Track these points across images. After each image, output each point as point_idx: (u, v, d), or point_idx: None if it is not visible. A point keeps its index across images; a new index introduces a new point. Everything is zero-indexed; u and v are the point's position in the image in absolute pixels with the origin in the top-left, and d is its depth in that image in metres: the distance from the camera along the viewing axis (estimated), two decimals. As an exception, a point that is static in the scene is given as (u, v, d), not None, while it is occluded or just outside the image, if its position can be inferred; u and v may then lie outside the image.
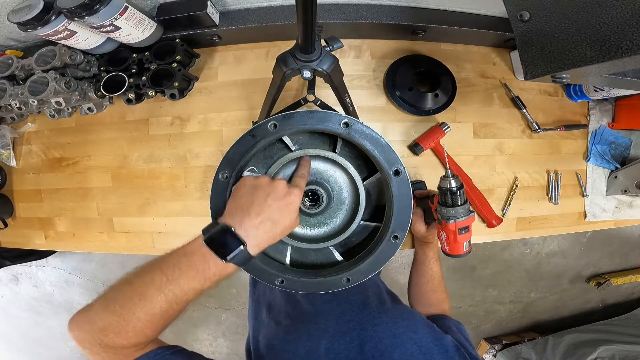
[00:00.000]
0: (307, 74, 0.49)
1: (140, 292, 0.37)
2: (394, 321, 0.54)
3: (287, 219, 0.43)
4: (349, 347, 0.50)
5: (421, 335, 0.50)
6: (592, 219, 0.89)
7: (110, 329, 0.36)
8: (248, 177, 0.45)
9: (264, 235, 0.41)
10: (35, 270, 2.11)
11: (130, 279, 0.38)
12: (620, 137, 0.90)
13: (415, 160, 0.84)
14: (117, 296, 0.38)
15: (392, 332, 0.51)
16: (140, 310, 0.36)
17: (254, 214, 0.41)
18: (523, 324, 2.20)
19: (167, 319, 0.38)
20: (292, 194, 0.44)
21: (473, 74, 0.87)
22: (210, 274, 0.38)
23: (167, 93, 0.80)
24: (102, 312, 0.37)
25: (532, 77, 0.47)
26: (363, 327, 0.53)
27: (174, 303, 0.37)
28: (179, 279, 0.37)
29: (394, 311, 0.59)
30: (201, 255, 0.38)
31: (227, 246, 0.38)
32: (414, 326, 0.53)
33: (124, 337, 0.36)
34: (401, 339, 0.49)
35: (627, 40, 0.35)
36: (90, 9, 0.61)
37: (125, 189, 0.87)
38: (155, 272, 0.38)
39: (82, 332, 0.37)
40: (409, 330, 0.51)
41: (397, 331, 0.51)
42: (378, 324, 0.53)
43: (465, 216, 0.57)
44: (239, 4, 0.80)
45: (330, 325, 0.55)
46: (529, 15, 0.45)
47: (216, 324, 2.10)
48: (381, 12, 0.79)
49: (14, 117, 0.91)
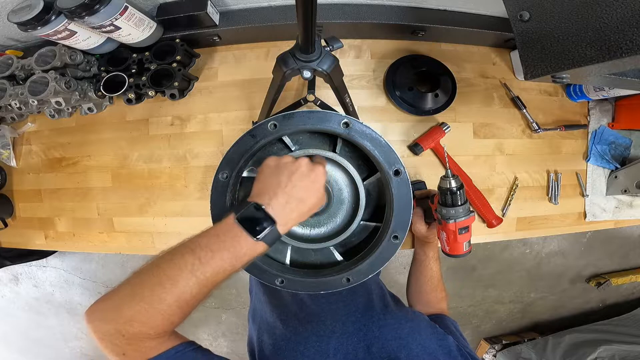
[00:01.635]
0: (307, 74, 0.49)
1: (172, 275, 0.35)
2: (399, 323, 0.54)
3: (313, 197, 0.43)
4: (357, 348, 0.50)
5: (425, 337, 0.51)
6: (592, 219, 0.89)
7: (137, 318, 0.34)
8: (271, 158, 0.45)
9: (292, 214, 0.41)
10: (35, 270, 2.11)
11: (158, 263, 0.37)
12: (620, 137, 0.90)
13: (415, 160, 0.84)
14: (145, 281, 0.36)
15: (397, 334, 0.51)
16: (171, 295, 0.35)
17: (281, 193, 0.40)
18: (523, 324, 2.20)
19: (194, 305, 0.37)
20: (316, 171, 0.43)
21: (473, 74, 0.87)
22: (241, 254, 0.38)
23: (167, 93, 0.80)
24: (129, 299, 0.35)
25: (532, 77, 0.47)
26: (369, 329, 0.54)
27: (204, 286, 0.36)
28: (210, 260, 0.36)
29: (399, 313, 0.59)
30: (233, 235, 0.38)
31: (259, 224, 0.38)
32: (418, 327, 0.53)
33: (152, 325, 0.34)
34: (406, 340, 0.50)
35: (627, 40, 0.35)
36: (90, 9, 0.61)
37: (125, 189, 0.87)
38: (186, 254, 0.36)
39: (104, 323, 0.35)
40: (413, 331, 0.52)
41: (402, 333, 0.52)
42: (383, 325, 0.54)
43: (465, 216, 0.57)
44: (239, 4, 0.80)
45: (337, 326, 0.56)
46: (529, 15, 0.45)
47: (216, 324, 2.10)
48: (381, 12, 0.79)
49: (14, 117, 0.90)
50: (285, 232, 0.41)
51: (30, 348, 2.28)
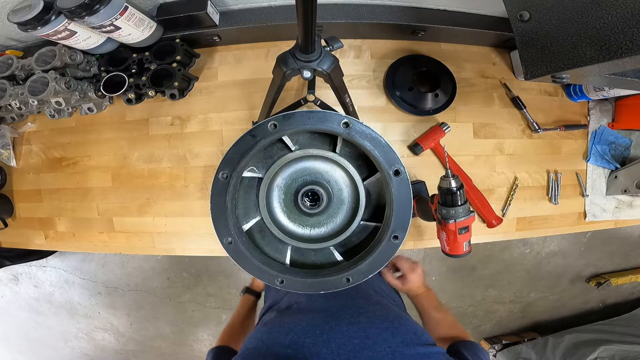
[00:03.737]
0: (307, 74, 0.49)
1: None
2: (372, 322, 0.53)
3: None
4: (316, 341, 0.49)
5: (400, 341, 0.49)
6: (592, 219, 0.89)
7: None
8: None
9: None
10: (35, 270, 2.12)
11: None
12: (620, 137, 0.90)
13: (415, 160, 0.84)
14: None
15: (365, 333, 0.50)
16: None
17: None
18: (523, 324, 2.20)
19: None
20: None
21: (473, 74, 0.87)
22: None
23: (167, 93, 0.80)
24: None
25: (532, 77, 0.47)
26: (338, 324, 0.52)
27: None
28: None
29: (377, 313, 0.57)
30: None
31: None
32: (395, 330, 0.51)
33: None
34: (374, 340, 0.48)
35: (627, 40, 0.35)
36: (90, 9, 0.61)
37: (125, 189, 0.87)
38: None
39: None
40: (386, 332, 0.50)
41: (372, 332, 0.50)
42: (354, 322, 0.53)
43: (465, 216, 0.57)
44: (239, 4, 0.80)
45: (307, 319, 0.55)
46: (529, 15, 0.45)
47: (216, 324, 2.10)
48: (381, 12, 0.79)
49: (14, 117, 0.91)
50: None
51: (30, 348, 2.28)
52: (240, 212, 0.57)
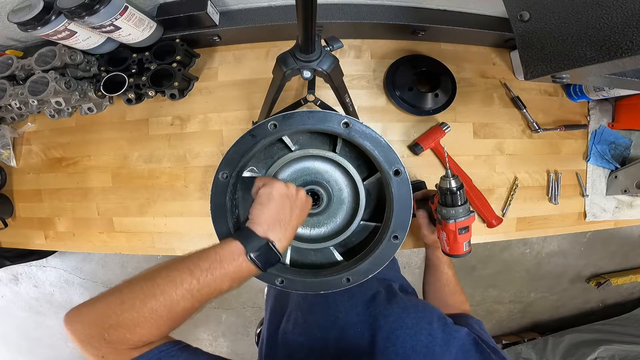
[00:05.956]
0: (307, 74, 0.49)
1: (166, 290, 0.36)
2: (406, 312, 0.52)
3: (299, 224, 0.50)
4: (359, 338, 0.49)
5: (436, 327, 0.49)
6: (592, 219, 0.89)
7: (124, 324, 0.35)
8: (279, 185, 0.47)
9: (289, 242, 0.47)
10: (35, 270, 2.11)
11: (153, 277, 0.38)
12: (620, 137, 0.90)
13: (415, 160, 0.84)
14: (137, 292, 0.37)
15: (404, 323, 0.49)
16: (164, 308, 0.36)
17: (290, 227, 0.46)
18: (523, 324, 2.20)
19: (186, 317, 0.39)
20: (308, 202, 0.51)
21: (473, 74, 0.87)
22: (242, 279, 0.42)
23: (167, 93, 0.80)
24: (118, 307, 0.36)
25: (532, 77, 0.47)
26: (375, 319, 0.52)
27: (198, 302, 0.38)
28: (211, 282, 0.38)
29: (407, 302, 0.56)
30: (238, 265, 0.41)
31: (270, 261, 0.43)
32: (429, 318, 0.51)
33: (138, 333, 0.35)
34: (414, 330, 0.48)
35: (627, 40, 0.35)
36: (90, 9, 0.61)
37: (125, 189, 0.87)
38: (184, 273, 0.38)
39: (86, 327, 0.36)
40: (422, 321, 0.50)
41: (410, 322, 0.50)
42: (388, 314, 0.52)
43: (465, 216, 0.57)
44: (239, 4, 0.80)
45: (340, 317, 0.54)
46: (529, 15, 0.45)
47: (216, 324, 2.10)
48: (381, 12, 0.79)
49: (14, 117, 0.90)
50: None
51: (30, 348, 2.28)
52: (240, 212, 0.57)
